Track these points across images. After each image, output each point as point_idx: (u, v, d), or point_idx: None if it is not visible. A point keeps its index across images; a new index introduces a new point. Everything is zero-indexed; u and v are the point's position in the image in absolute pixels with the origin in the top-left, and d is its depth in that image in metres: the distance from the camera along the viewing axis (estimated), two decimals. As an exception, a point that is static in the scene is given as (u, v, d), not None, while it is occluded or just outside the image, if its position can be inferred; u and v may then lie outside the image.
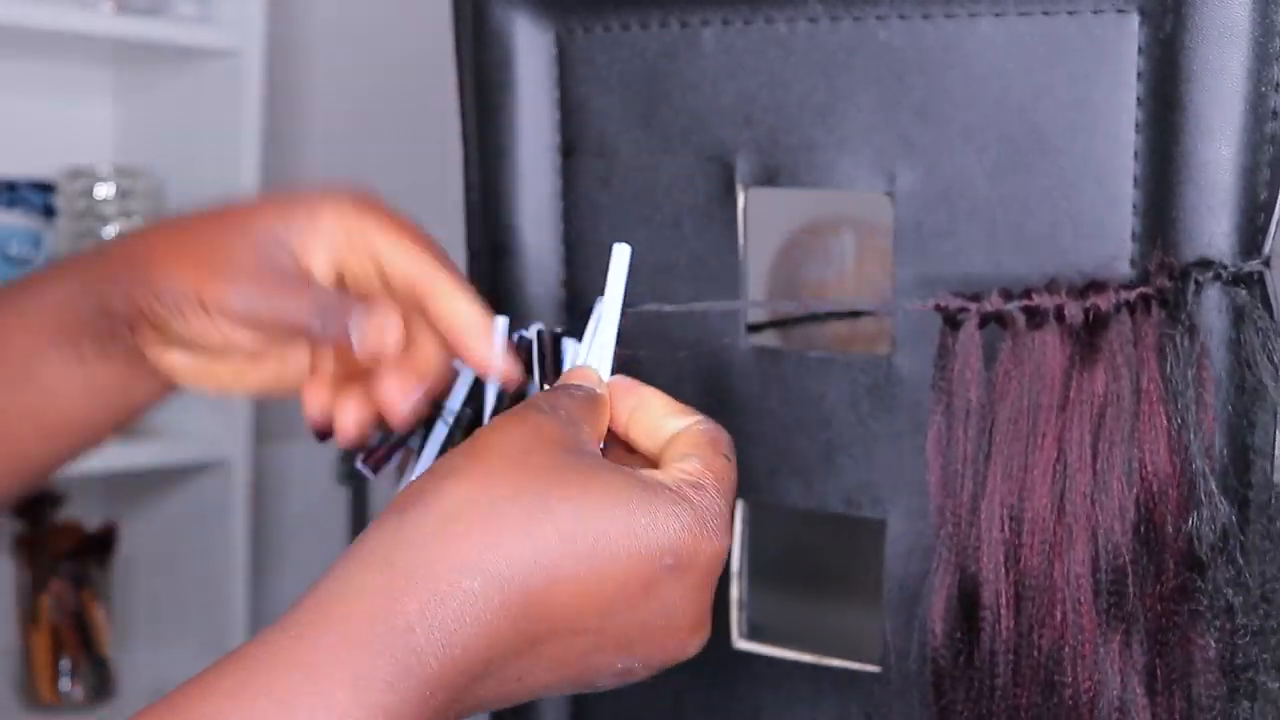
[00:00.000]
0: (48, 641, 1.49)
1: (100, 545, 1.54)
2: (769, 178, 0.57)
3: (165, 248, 0.51)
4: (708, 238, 0.59)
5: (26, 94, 1.61)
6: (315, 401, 0.54)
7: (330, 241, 0.51)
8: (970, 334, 0.51)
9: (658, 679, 0.62)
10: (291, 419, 0.63)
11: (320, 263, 0.51)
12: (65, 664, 1.49)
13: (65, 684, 1.49)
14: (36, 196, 1.63)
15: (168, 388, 0.55)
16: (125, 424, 0.56)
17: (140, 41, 1.47)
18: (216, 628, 1.58)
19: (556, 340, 0.56)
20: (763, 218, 0.67)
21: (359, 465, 0.58)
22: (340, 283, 0.52)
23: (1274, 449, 0.49)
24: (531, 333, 0.56)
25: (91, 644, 1.51)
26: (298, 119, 1.81)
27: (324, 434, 0.55)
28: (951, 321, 0.51)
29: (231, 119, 1.51)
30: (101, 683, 1.52)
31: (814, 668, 0.59)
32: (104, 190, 1.54)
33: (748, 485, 0.59)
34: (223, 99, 1.52)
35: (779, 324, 0.91)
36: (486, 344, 0.50)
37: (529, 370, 0.55)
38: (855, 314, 0.69)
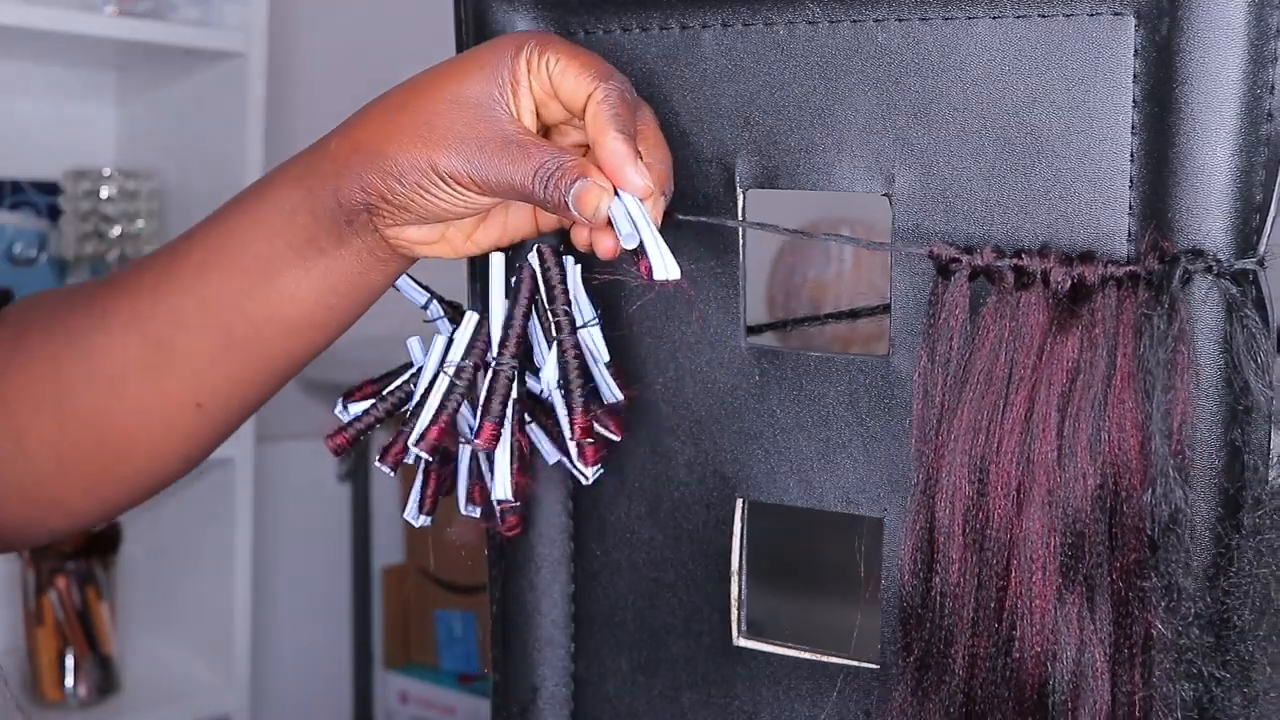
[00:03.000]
0: (52, 639, 1.50)
1: (104, 544, 1.55)
2: (768, 179, 0.58)
3: (390, 131, 0.54)
4: (708, 239, 0.59)
5: (31, 96, 1.62)
6: None
7: (530, 89, 0.54)
8: (960, 285, 0.52)
9: (657, 676, 0.63)
10: (293, 419, 0.64)
11: (527, 110, 0.54)
12: (69, 662, 1.50)
13: (69, 681, 1.50)
14: (40, 198, 1.63)
15: (402, 265, 0.58)
16: (362, 310, 0.59)
17: (143, 44, 1.47)
18: (219, 625, 1.58)
19: (557, 253, 0.56)
20: (762, 218, 0.67)
21: (377, 463, 0.58)
22: (539, 118, 0.55)
23: (1265, 446, 0.50)
24: (532, 257, 0.56)
25: (95, 642, 1.51)
26: (300, 121, 1.81)
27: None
28: (943, 271, 0.52)
29: (234, 121, 1.52)
30: (105, 680, 1.52)
31: (813, 665, 0.59)
32: (107, 191, 1.55)
33: (747, 484, 0.60)
34: (225, 101, 1.53)
35: (778, 326, 0.91)
36: (631, 172, 0.51)
37: (535, 290, 0.55)
38: (854, 315, 0.69)
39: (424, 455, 0.56)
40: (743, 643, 0.61)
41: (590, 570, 0.64)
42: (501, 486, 0.57)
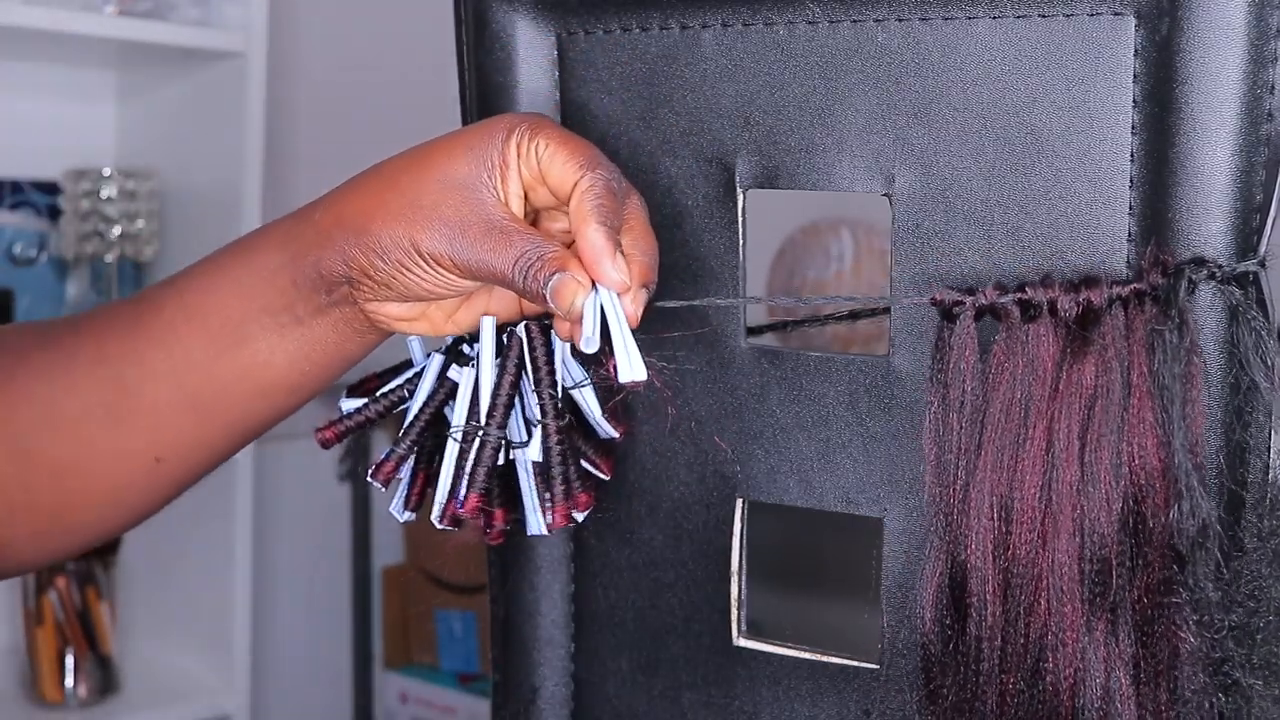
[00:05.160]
0: (52, 639, 1.50)
1: (104, 544, 1.55)
2: (768, 179, 0.58)
3: (376, 206, 0.53)
4: (708, 239, 0.59)
5: (31, 96, 1.62)
6: None
7: (519, 173, 0.54)
8: (966, 327, 0.52)
9: (657, 676, 0.63)
10: (293, 419, 0.64)
11: (515, 195, 0.54)
12: (69, 662, 1.50)
13: (69, 681, 1.50)
14: (41, 197, 1.63)
15: (380, 337, 0.57)
16: (336, 377, 0.58)
17: (143, 44, 1.47)
18: (219, 626, 1.58)
19: (545, 331, 0.56)
20: (762, 218, 0.67)
21: (369, 479, 0.58)
22: (527, 201, 0.55)
23: (1268, 448, 0.50)
24: (520, 328, 0.56)
25: (95, 642, 1.51)
26: (300, 121, 1.81)
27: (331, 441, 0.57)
28: (947, 315, 0.52)
29: (234, 120, 1.52)
30: (105, 680, 1.52)
31: (812, 665, 0.59)
32: (108, 191, 1.55)
33: (747, 484, 0.60)
34: (225, 101, 1.53)
35: (778, 326, 0.91)
36: (608, 267, 0.51)
37: (521, 364, 0.56)
38: (854, 316, 0.69)
39: (465, 517, 0.57)
40: (743, 643, 0.61)
41: (590, 570, 0.64)
42: (535, 524, 0.57)
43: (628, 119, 0.60)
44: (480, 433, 0.55)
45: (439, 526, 0.56)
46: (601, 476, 0.60)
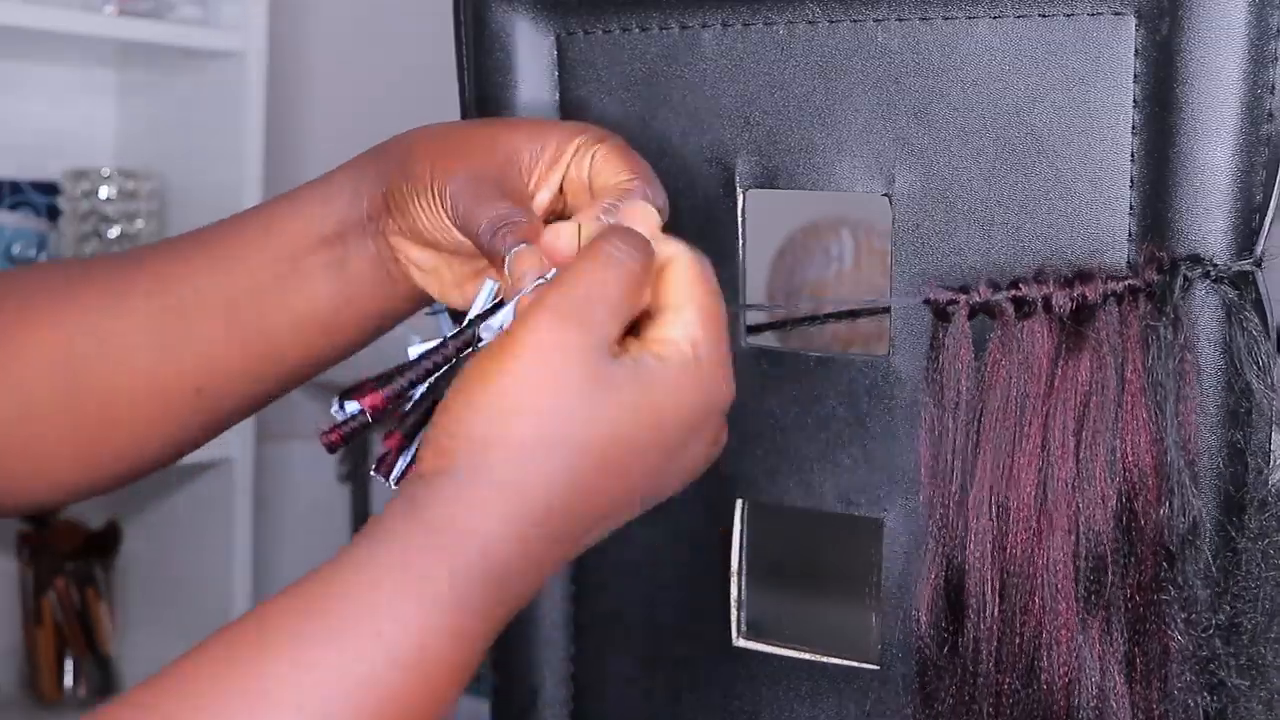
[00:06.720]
0: (52, 639, 1.50)
1: (103, 544, 1.55)
2: (768, 179, 0.58)
3: (425, 138, 0.55)
4: (708, 239, 0.59)
5: (30, 96, 1.62)
6: None
7: (564, 171, 0.54)
8: (960, 326, 0.52)
9: (657, 677, 0.63)
10: (293, 419, 0.64)
11: (549, 187, 0.54)
12: (69, 662, 1.50)
13: (69, 681, 1.50)
14: (40, 198, 1.63)
15: (405, 293, 0.57)
16: (363, 333, 0.58)
17: (143, 43, 1.47)
18: (219, 625, 1.58)
19: None
20: (762, 218, 0.67)
21: (373, 473, 0.58)
22: (567, 205, 0.54)
23: (1267, 448, 0.50)
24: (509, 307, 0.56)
25: (95, 642, 1.51)
26: (299, 120, 1.81)
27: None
28: (942, 314, 0.52)
29: (234, 120, 1.52)
30: (105, 680, 1.52)
31: (812, 665, 0.59)
32: (107, 191, 1.55)
33: (747, 484, 0.60)
34: (225, 100, 1.53)
35: (778, 326, 0.91)
36: (568, 247, 0.50)
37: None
38: (853, 315, 0.69)
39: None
40: (743, 643, 0.61)
41: (590, 570, 0.64)
42: None
43: (628, 119, 0.60)
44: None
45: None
46: None
